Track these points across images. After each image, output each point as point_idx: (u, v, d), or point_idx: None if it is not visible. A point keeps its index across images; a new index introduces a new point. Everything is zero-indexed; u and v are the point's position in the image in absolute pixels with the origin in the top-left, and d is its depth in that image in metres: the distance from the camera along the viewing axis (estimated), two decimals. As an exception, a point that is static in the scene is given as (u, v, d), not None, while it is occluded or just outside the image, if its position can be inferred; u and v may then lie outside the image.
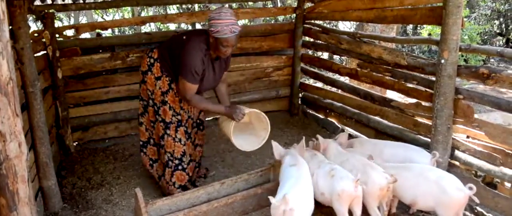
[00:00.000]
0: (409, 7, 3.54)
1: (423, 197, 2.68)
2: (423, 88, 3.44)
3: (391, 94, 5.17)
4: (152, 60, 3.17)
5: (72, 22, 12.06)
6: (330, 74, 5.47)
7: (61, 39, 4.11)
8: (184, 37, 3.07)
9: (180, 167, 3.28)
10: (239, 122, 3.04)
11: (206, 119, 5.13)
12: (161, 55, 3.14)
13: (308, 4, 4.96)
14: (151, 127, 3.37)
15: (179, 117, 3.21)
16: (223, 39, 2.87)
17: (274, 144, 3.14)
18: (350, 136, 3.90)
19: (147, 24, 9.49)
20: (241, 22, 9.85)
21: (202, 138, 3.57)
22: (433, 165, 2.99)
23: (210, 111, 3.28)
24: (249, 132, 3.30)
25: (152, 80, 3.17)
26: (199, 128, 3.50)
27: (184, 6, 10.28)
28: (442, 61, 2.98)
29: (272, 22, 9.18)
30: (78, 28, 4.26)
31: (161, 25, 10.50)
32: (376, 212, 2.72)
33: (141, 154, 3.52)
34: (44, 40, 3.88)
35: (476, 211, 3.00)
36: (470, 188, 2.55)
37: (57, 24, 7.35)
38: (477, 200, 2.59)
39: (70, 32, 4.24)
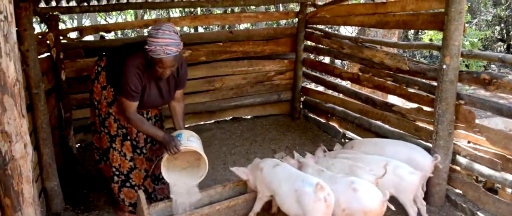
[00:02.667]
0: (411, 12, 3.55)
1: (381, 184, 2.84)
2: (424, 93, 3.45)
3: (392, 99, 5.19)
4: (99, 69, 3.00)
5: (75, 24, 12.11)
6: (331, 79, 5.48)
7: (65, 41, 4.13)
8: (127, 52, 2.86)
9: (128, 184, 3.10)
10: (171, 156, 2.80)
11: (209, 122, 5.19)
12: (109, 64, 2.97)
13: (311, 9, 4.99)
14: (99, 139, 3.18)
15: (124, 130, 3.03)
16: (157, 60, 2.64)
17: (235, 169, 3.07)
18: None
19: (150, 27, 9.53)
20: (244, 26, 9.88)
21: (155, 153, 3.18)
22: (433, 167, 3.07)
23: (148, 134, 2.99)
24: (189, 164, 3.04)
25: (99, 89, 3.01)
26: (152, 143, 3.15)
27: (186, 9, 10.32)
28: (444, 66, 2.99)
29: (275, 26, 9.22)
30: (82, 30, 4.29)
31: (164, 28, 10.53)
32: None
33: (101, 164, 3.29)
34: (48, 42, 3.90)
35: (477, 216, 3.01)
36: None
37: (61, 26, 7.38)
38: (430, 174, 3.09)
39: (74, 35, 4.27)
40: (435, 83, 3.19)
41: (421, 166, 3.03)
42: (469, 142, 3.24)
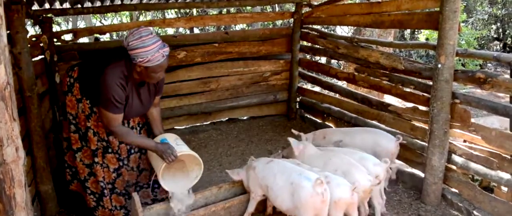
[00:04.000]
0: (406, 12, 3.55)
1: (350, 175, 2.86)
2: (420, 93, 3.45)
3: (388, 99, 5.20)
4: (72, 80, 2.84)
5: (70, 26, 12.07)
6: (327, 79, 5.48)
7: (59, 43, 4.11)
8: (102, 61, 2.74)
9: (117, 191, 3.02)
10: (169, 163, 2.70)
11: (205, 123, 5.17)
12: (82, 74, 2.81)
13: (306, 9, 4.99)
14: (73, 157, 3.03)
15: (104, 143, 2.90)
16: (156, 66, 2.58)
17: (230, 171, 3.11)
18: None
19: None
20: (239, 26, 9.87)
21: (146, 162, 3.12)
22: (396, 147, 3.31)
23: (138, 146, 2.90)
24: (179, 166, 2.95)
25: (73, 102, 2.86)
26: (141, 152, 3.06)
27: (182, 10, 10.30)
28: (439, 65, 2.99)
29: (270, 26, 9.22)
30: (76, 32, 4.26)
31: (160, 29, 10.52)
32: (356, 213, 2.71)
33: (73, 184, 3.17)
34: (42, 44, 3.88)
35: (473, 215, 3.00)
36: (385, 162, 2.93)
37: (55, 28, 7.36)
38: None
39: (68, 37, 4.24)
40: (430, 83, 3.19)
41: (387, 149, 3.26)
42: (464, 141, 3.24)
